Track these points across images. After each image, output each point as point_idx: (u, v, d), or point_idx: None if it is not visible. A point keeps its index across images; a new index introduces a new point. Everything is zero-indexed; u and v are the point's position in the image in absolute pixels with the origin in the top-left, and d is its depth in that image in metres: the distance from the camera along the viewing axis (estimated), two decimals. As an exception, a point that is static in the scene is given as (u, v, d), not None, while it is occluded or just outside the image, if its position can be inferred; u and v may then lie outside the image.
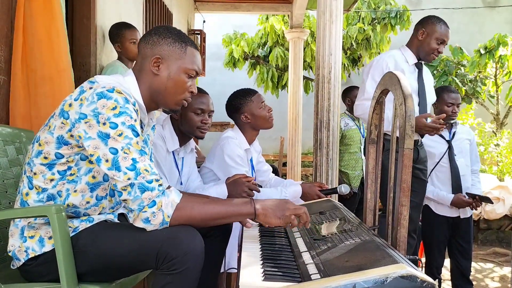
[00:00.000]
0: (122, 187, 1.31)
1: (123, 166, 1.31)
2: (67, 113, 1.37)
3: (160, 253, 1.30)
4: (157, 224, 1.32)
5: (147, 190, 1.31)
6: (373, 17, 7.69)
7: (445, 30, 2.64)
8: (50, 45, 2.15)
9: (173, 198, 1.34)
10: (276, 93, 8.39)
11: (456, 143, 3.05)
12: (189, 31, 5.97)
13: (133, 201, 1.31)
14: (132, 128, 1.35)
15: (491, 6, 9.57)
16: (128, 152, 1.32)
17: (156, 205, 1.31)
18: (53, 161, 1.41)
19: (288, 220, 1.42)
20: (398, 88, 1.44)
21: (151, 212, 1.31)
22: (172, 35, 1.52)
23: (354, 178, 3.87)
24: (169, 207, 1.32)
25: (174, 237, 1.30)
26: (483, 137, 6.24)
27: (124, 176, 1.31)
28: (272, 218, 1.41)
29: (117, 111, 1.33)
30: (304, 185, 2.42)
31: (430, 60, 2.70)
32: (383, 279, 0.97)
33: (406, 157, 1.38)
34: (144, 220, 1.31)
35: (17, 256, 1.42)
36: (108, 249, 1.37)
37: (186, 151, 2.30)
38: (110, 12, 3.21)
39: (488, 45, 6.23)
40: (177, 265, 1.29)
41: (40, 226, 1.44)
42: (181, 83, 1.52)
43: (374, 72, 2.62)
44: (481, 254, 4.65)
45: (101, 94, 1.34)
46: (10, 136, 1.73)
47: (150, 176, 1.32)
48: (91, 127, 1.33)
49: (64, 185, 1.43)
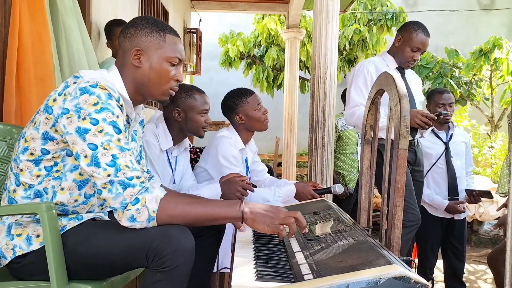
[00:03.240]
0: (101, 184, 1.28)
1: (103, 162, 1.28)
2: (51, 108, 1.35)
3: (150, 250, 1.27)
4: (144, 221, 1.28)
5: (129, 186, 1.27)
6: (369, 18, 7.70)
7: (421, 38, 2.59)
8: (42, 47, 2.15)
9: (156, 194, 1.31)
10: (272, 93, 8.40)
11: (453, 145, 3.07)
12: (185, 30, 5.95)
13: (115, 199, 1.27)
14: (113, 124, 1.32)
15: (487, 9, 9.62)
16: (108, 148, 1.29)
17: (140, 201, 1.28)
18: (39, 157, 1.39)
19: (276, 229, 1.34)
20: (394, 89, 1.43)
21: (135, 209, 1.27)
22: (149, 25, 1.48)
23: (350, 179, 3.87)
24: (153, 202, 1.29)
25: (165, 234, 1.28)
26: (478, 139, 6.28)
27: (104, 172, 1.27)
28: (260, 224, 1.34)
29: (98, 107, 1.30)
30: (298, 185, 2.42)
31: (407, 67, 2.69)
32: (376, 280, 0.96)
33: (400, 157, 1.37)
34: (130, 219, 1.28)
35: (4, 254, 1.40)
36: (97, 247, 1.35)
37: (180, 150, 2.29)
38: (106, 9, 3.20)
39: (484, 47, 6.26)
40: (167, 263, 1.27)
41: (27, 224, 1.41)
42: (164, 73, 1.49)
43: (357, 80, 2.64)
44: (474, 255, 4.67)
45: (84, 89, 1.31)
46: (1, 132, 1.71)
47: (131, 173, 1.29)
48: (71, 123, 1.30)
49: (50, 181, 1.40)
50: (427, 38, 2.62)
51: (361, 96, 2.59)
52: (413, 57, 2.63)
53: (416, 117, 2.45)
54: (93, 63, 2.51)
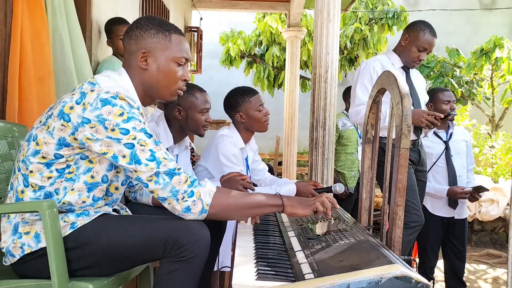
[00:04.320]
0: (147, 177, 1.34)
1: (143, 158, 1.33)
2: (67, 115, 1.34)
3: (169, 240, 1.33)
4: (197, 212, 1.37)
5: (175, 175, 1.35)
6: (370, 17, 7.69)
7: (428, 38, 2.58)
8: (41, 47, 2.15)
9: (210, 188, 1.40)
10: (272, 92, 8.39)
11: (453, 144, 3.07)
12: (186, 28, 5.95)
13: (163, 188, 1.34)
14: (144, 131, 1.35)
15: (488, 8, 9.60)
16: (145, 144, 1.34)
17: (195, 194, 1.36)
18: (52, 160, 1.38)
19: (313, 207, 1.47)
20: (395, 88, 1.43)
21: (191, 201, 1.35)
22: (154, 26, 1.48)
23: (350, 179, 3.86)
24: (207, 196, 1.38)
25: (184, 225, 1.35)
26: (478, 139, 6.27)
27: (146, 167, 1.33)
28: (299, 209, 1.48)
29: (125, 117, 1.32)
30: (299, 184, 2.41)
31: (412, 66, 2.69)
32: (377, 280, 0.96)
33: (402, 156, 1.37)
34: (185, 209, 1.35)
35: (12, 252, 1.40)
36: (115, 239, 1.37)
37: (181, 148, 2.29)
38: (106, 7, 3.19)
39: (485, 47, 6.25)
40: (185, 252, 1.32)
41: (34, 221, 1.41)
42: (172, 74, 1.49)
43: (363, 77, 2.64)
44: (474, 255, 4.67)
45: (106, 101, 1.32)
46: (2, 130, 1.71)
47: (170, 163, 1.36)
48: (98, 132, 1.32)
49: (62, 183, 1.40)
50: (434, 39, 2.61)
51: (366, 94, 2.58)
52: (419, 57, 2.62)
53: (422, 116, 2.44)
54: (84, 62, 2.50)
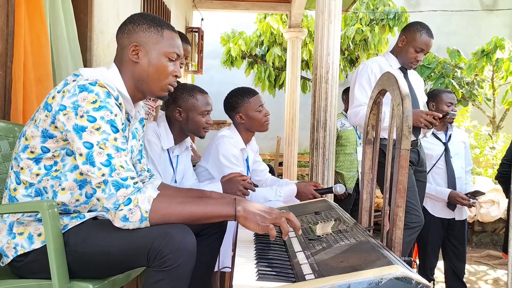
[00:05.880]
0: (96, 183, 1.28)
1: (98, 161, 1.28)
2: (50, 105, 1.35)
3: (151, 250, 1.27)
4: (137, 221, 1.28)
5: (122, 187, 1.28)
6: (371, 18, 7.69)
7: (425, 39, 2.59)
8: (40, 48, 2.15)
9: (149, 194, 1.31)
10: (273, 93, 8.39)
11: (452, 145, 3.08)
12: (187, 29, 5.95)
13: (108, 199, 1.28)
14: (111, 123, 1.32)
15: (489, 9, 9.59)
16: (104, 147, 1.29)
17: (132, 202, 1.28)
18: (40, 155, 1.39)
19: (266, 229, 1.33)
20: (396, 89, 1.43)
21: (127, 209, 1.27)
22: (146, 21, 1.49)
23: (349, 179, 3.86)
24: (146, 202, 1.29)
25: (166, 234, 1.28)
26: (479, 140, 6.26)
27: (98, 171, 1.28)
28: (251, 223, 1.34)
29: (97, 105, 1.30)
30: (300, 184, 2.41)
31: (409, 67, 2.69)
32: (377, 280, 0.96)
33: (402, 157, 1.37)
34: (122, 219, 1.28)
35: (6, 252, 1.40)
36: (98, 247, 1.34)
37: (181, 149, 2.29)
38: (107, 7, 3.19)
39: (486, 48, 6.24)
40: (169, 262, 1.27)
41: (29, 222, 1.41)
42: (163, 68, 1.49)
43: (361, 79, 2.64)
44: (475, 256, 4.67)
45: (83, 87, 1.31)
46: (3, 130, 1.71)
47: (125, 173, 1.29)
48: (69, 119, 1.30)
49: (49, 181, 1.40)
50: (430, 39, 2.61)
51: (364, 95, 2.58)
52: (416, 58, 2.63)
53: (421, 116, 2.45)
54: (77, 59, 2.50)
